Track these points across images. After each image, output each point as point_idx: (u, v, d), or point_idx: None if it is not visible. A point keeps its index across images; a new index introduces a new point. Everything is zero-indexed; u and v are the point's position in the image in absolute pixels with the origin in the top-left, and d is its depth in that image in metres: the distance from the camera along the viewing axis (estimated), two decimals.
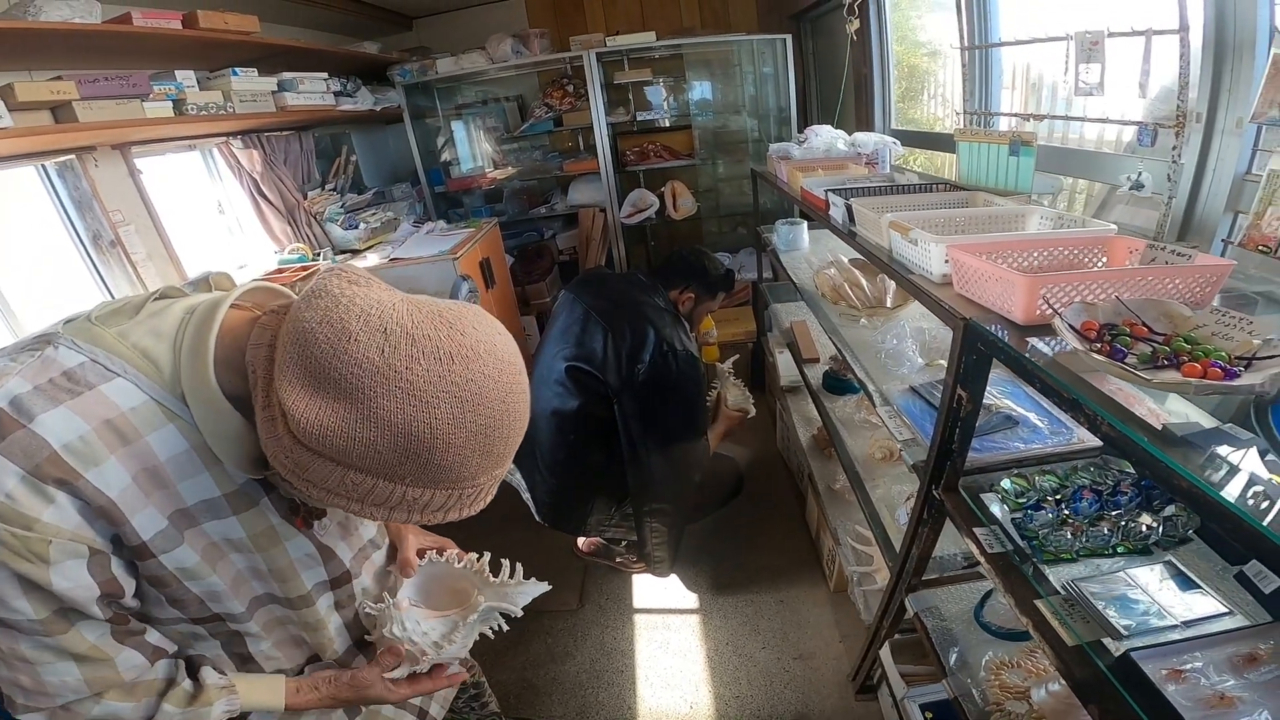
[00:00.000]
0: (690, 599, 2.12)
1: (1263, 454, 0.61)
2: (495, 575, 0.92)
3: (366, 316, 0.55)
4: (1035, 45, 1.67)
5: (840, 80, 2.89)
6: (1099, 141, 1.65)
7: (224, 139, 2.49)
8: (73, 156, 1.87)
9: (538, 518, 2.04)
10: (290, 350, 0.56)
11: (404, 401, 0.54)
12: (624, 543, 2.20)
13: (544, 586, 0.92)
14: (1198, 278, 0.81)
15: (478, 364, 0.57)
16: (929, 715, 1.34)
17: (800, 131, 2.41)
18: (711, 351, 2.41)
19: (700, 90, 3.81)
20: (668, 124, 3.69)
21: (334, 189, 3.03)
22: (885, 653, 1.50)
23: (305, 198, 2.79)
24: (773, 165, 2.25)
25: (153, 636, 0.70)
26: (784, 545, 2.29)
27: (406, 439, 0.55)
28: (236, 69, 2.23)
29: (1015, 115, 1.83)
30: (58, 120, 1.69)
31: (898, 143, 2.09)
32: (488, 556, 0.95)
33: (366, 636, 0.90)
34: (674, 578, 2.19)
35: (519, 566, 0.93)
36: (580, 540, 2.32)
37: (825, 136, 2.20)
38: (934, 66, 2.73)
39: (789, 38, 3.32)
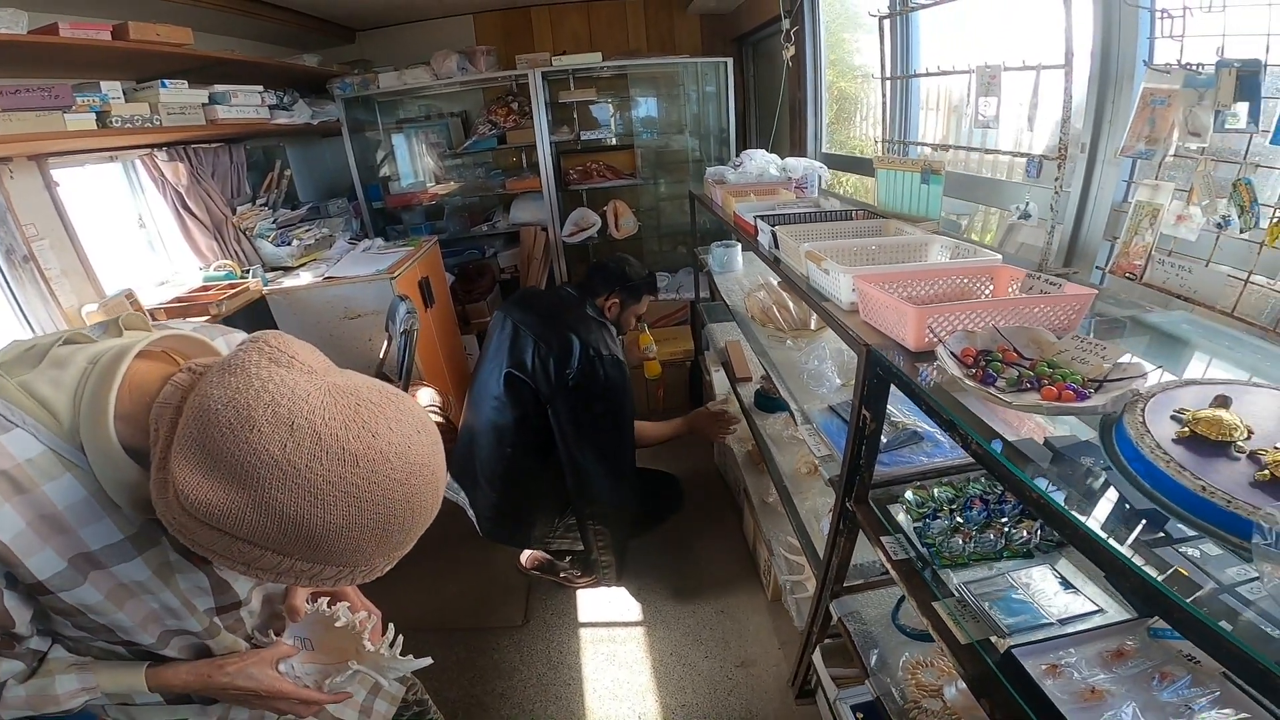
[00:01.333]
0: (634, 611, 2.16)
1: (1104, 468, 0.70)
2: (379, 639, 0.92)
3: (275, 406, 0.54)
4: (953, 80, 1.79)
5: (776, 103, 3.02)
6: (1009, 168, 1.75)
7: (148, 151, 2.40)
8: None
9: (480, 532, 2.05)
10: (192, 424, 0.55)
11: (299, 496, 0.53)
12: (568, 557, 2.23)
13: (423, 662, 0.93)
14: (1063, 306, 0.91)
15: (384, 468, 0.56)
16: (859, 716, 1.40)
17: (738, 154, 2.51)
18: (653, 366, 2.46)
19: (644, 110, 3.89)
20: (612, 143, 3.74)
21: (265, 204, 2.95)
22: (817, 657, 1.57)
23: (234, 212, 2.70)
24: (709, 189, 2.33)
25: (34, 643, 0.71)
26: (723, 557, 2.36)
27: (297, 528, 0.54)
28: (165, 80, 2.16)
29: (926, 145, 1.96)
30: None
31: (825, 168, 2.20)
32: (375, 620, 0.96)
33: None
34: (618, 591, 2.23)
35: (400, 640, 0.92)
36: (524, 556, 2.33)
37: (759, 161, 2.30)
38: (866, 90, 2.87)
39: (730, 61, 3.43)
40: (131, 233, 2.54)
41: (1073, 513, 0.61)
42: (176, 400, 0.62)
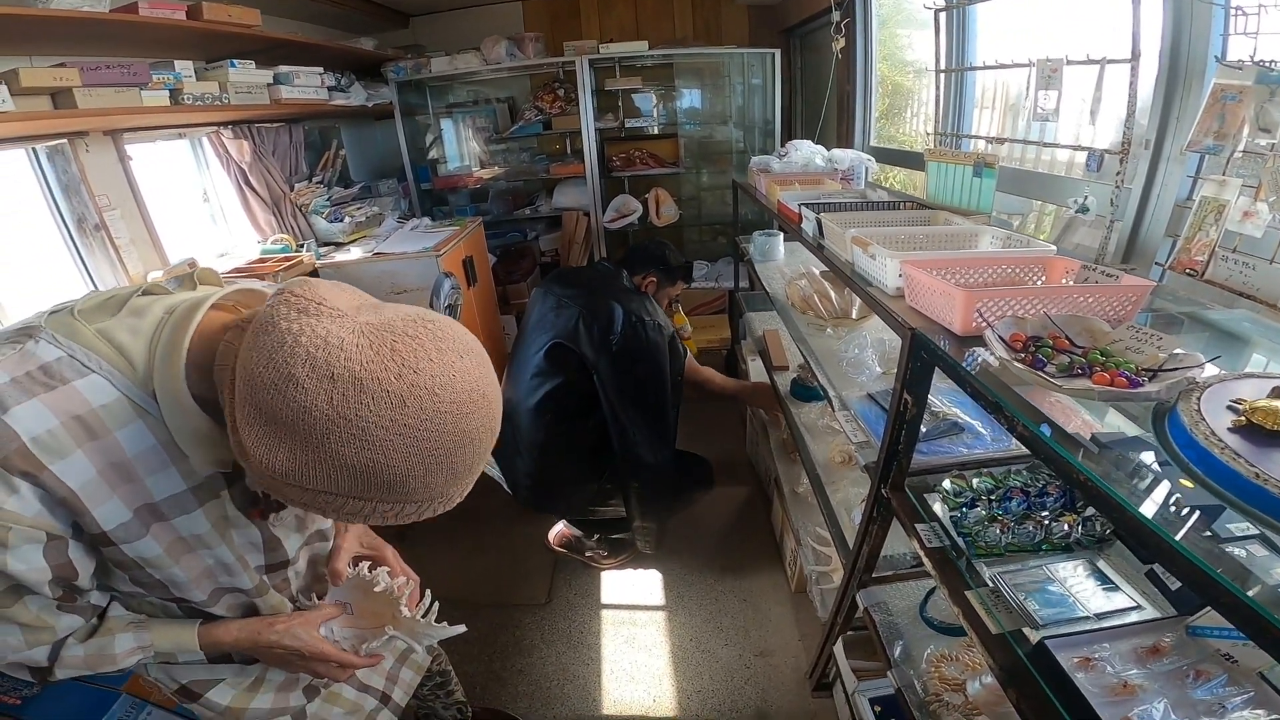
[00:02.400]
0: (657, 595, 2.17)
1: (1159, 460, 0.68)
2: (416, 606, 0.93)
3: (313, 361, 0.53)
4: (1008, 73, 1.75)
5: (824, 96, 2.98)
6: (1069, 165, 1.71)
7: (215, 129, 2.51)
8: (65, 141, 1.89)
9: (519, 501, 2.10)
10: (243, 388, 0.56)
11: (357, 447, 0.54)
12: (596, 535, 2.25)
13: (456, 629, 0.94)
14: (1119, 296, 0.89)
15: (431, 402, 0.55)
16: (878, 710, 1.39)
17: (782, 145, 2.49)
18: (689, 345, 2.48)
19: (689, 100, 3.88)
20: (655, 131, 3.75)
21: (321, 182, 3.05)
22: (839, 648, 1.56)
23: (292, 189, 2.81)
24: (753, 177, 2.32)
25: (94, 597, 0.73)
26: (749, 546, 2.35)
27: (367, 476, 0.55)
28: (234, 60, 2.27)
29: (980, 138, 1.91)
30: (56, 105, 1.72)
31: (873, 160, 2.17)
32: (414, 585, 0.97)
33: None
34: (642, 574, 2.24)
35: (435, 607, 0.93)
36: (551, 534, 2.37)
37: (805, 151, 2.28)
38: (918, 86, 2.82)
39: (778, 52, 3.41)
40: (196, 206, 2.67)
41: (1119, 493, 0.60)
42: (230, 360, 0.62)
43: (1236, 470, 0.61)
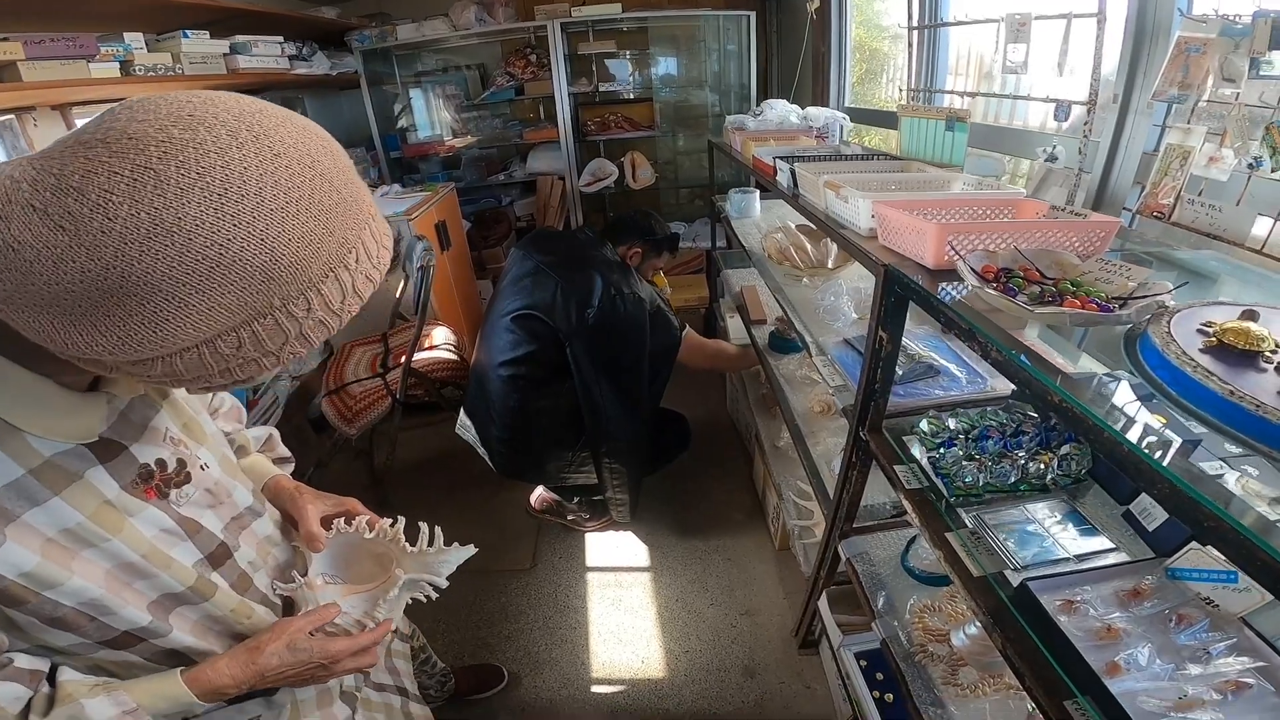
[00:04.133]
0: (641, 557, 2.19)
1: (1132, 385, 0.69)
2: (413, 544, 0.84)
3: (23, 208, 0.38)
4: (981, 30, 1.74)
5: (800, 58, 2.94)
6: (1042, 124, 1.72)
7: None
8: (12, 116, 1.82)
9: (494, 468, 2.08)
10: (9, 311, 0.42)
11: (144, 255, 0.38)
12: (577, 499, 2.26)
13: (468, 551, 0.85)
14: (1089, 231, 0.89)
15: (186, 160, 0.39)
16: (863, 664, 1.41)
17: (757, 105, 2.47)
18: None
19: (664, 64, 3.82)
20: (630, 95, 3.70)
21: None
22: (823, 603, 1.58)
23: None
24: (728, 136, 2.30)
25: (22, 661, 0.58)
26: (731, 505, 2.38)
27: (243, 272, 0.41)
28: (187, 31, 2.19)
29: (952, 93, 1.91)
30: (2, 80, 1.65)
31: (847, 118, 2.16)
32: (402, 522, 0.85)
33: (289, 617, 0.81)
34: (626, 536, 2.26)
35: (438, 532, 0.84)
36: (533, 498, 2.37)
37: (779, 110, 2.26)
38: (894, 50, 2.81)
39: (753, 14, 3.36)
40: None
41: (1094, 411, 0.60)
42: None
43: (1210, 388, 0.62)
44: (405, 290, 2.40)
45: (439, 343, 2.55)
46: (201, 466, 0.70)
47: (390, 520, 0.85)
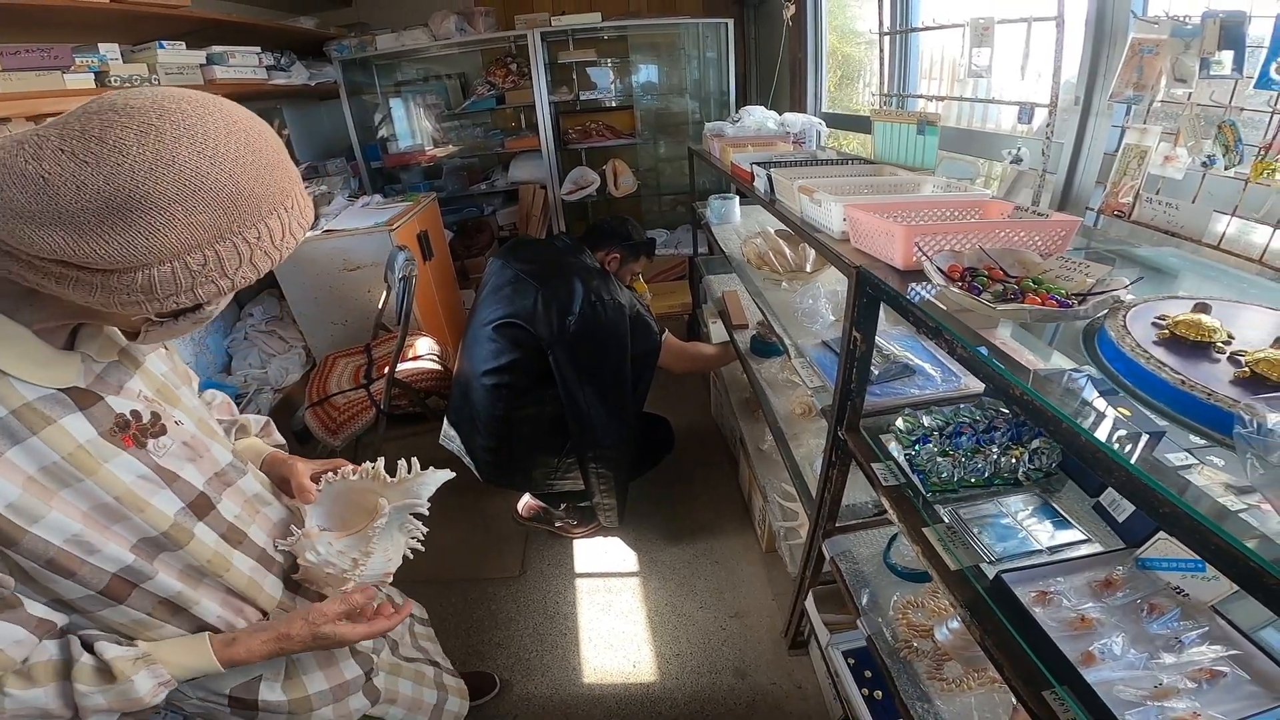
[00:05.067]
0: (630, 562, 2.20)
1: (1090, 378, 0.71)
2: (393, 475, 0.92)
3: (36, 146, 0.50)
4: (952, 38, 1.79)
5: (777, 64, 2.99)
6: (1011, 127, 1.76)
7: None
8: None
9: (480, 477, 2.08)
10: (7, 225, 0.50)
11: (148, 175, 0.50)
12: (564, 505, 2.26)
13: (445, 474, 0.93)
14: (1049, 230, 0.93)
15: (162, 115, 0.52)
16: (851, 662, 1.44)
17: (736, 112, 2.50)
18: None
19: (644, 72, 3.86)
20: (611, 104, 3.72)
21: None
22: (810, 602, 1.59)
23: None
24: (708, 142, 2.33)
25: (35, 609, 0.65)
26: (718, 509, 2.39)
27: (189, 196, 0.52)
28: (163, 42, 2.19)
29: (923, 97, 1.95)
30: None
31: (823, 124, 2.20)
32: (382, 461, 0.94)
33: (294, 575, 0.89)
34: (614, 542, 2.27)
35: (414, 461, 0.92)
36: (520, 505, 2.37)
37: (757, 116, 2.29)
38: (868, 56, 2.86)
39: (731, 22, 3.41)
40: None
41: (1054, 404, 0.63)
42: None
43: (1163, 379, 0.64)
44: (388, 301, 2.40)
45: (423, 353, 2.55)
46: (176, 422, 0.77)
47: (370, 463, 0.93)
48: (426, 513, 0.91)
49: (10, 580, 0.62)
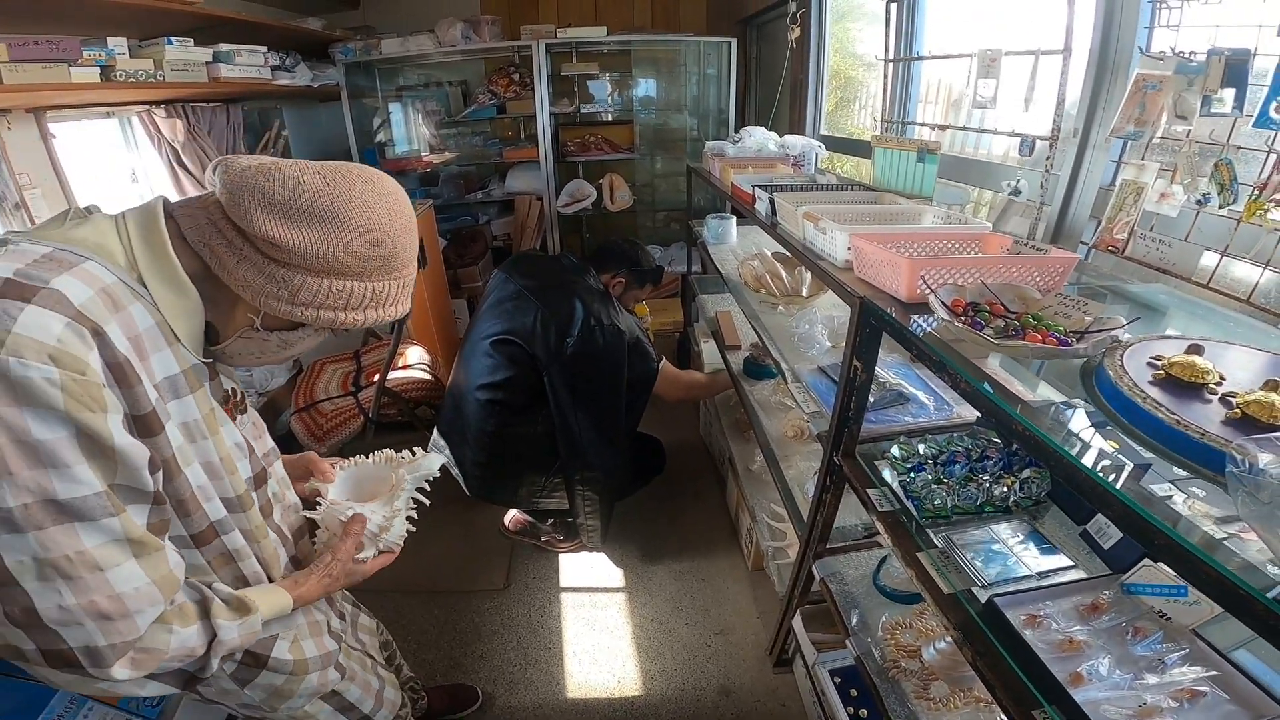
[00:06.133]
0: (616, 578, 2.19)
1: (1088, 414, 0.73)
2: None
3: (301, 168, 0.69)
4: (952, 63, 1.82)
5: (778, 85, 3.02)
6: (1004, 155, 1.80)
7: (146, 107, 2.41)
8: None
9: (467, 491, 2.06)
10: (251, 205, 0.66)
11: (357, 210, 0.70)
12: (551, 520, 2.25)
13: (441, 458, 1.07)
14: (1048, 266, 0.95)
15: (382, 184, 0.74)
16: (838, 681, 1.44)
17: (736, 132, 2.52)
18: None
19: (645, 87, 3.88)
20: (610, 118, 3.74)
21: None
22: (797, 621, 1.60)
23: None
24: (707, 161, 2.35)
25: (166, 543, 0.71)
26: (705, 526, 2.40)
27: (367, 233, 0.70)
28: (171, 38, 2.17)
29: (924, 125, 1.99)
30: None
31: (823, 147, 2.22)
32: (390, 450, 1.07)
33: (312, 538, 0.99)
34: (600, 557, 2.26)
35: (418, 449, 1.06)
36: (507, 518, 2.36)
37: (758, 137, 2.31)
38: (867, 79, 2.90)
39: (734, 41, 3.44)
40: (124, 186, 2.55)
41: (1053, 439, 0.64)
42: (203, 221, 0.70)
43: (1159, 418, 0.66)
44: None
45: (413, 362, 2.53)
46: (249, 405, 0.91)
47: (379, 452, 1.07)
48: (429, 488, 1.04)
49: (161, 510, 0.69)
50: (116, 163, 2.53)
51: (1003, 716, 0.86)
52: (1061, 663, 0.81)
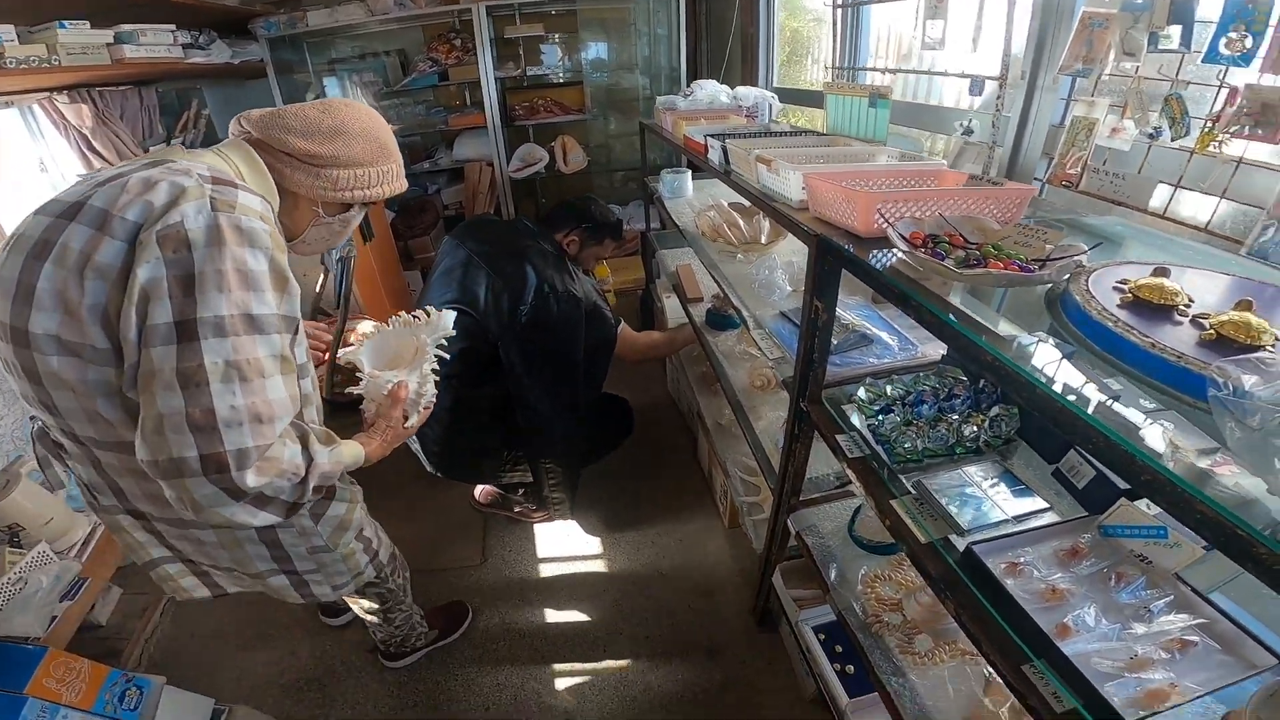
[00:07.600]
0: (593, 545, 2.17)
1: (1056, 336, 0.71)
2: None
3: (299, 107, 0.97)
4: (901, 11, 1.77)
5: (728, 40, 2.94)
6: (956, 99, 1.77)
7: (47, 94, 2.23)
8: None
9: (429, 468, 2.01)
10: (283, 135, 0.95)
11: (354, 123, 0.99)
12: (521, 490, 2.20)
13: (453, 313, 1.22)
14: (1006, 198, 0.92)
15: (357, 105, 1.03)
16: (822, 638, 1.43)
17: (688, 86, 2.45)
18: (609, 299, 2.43)
19: (594, 47, 3.75)
20: (560, 80, 3.62)
21: (182, 143, 2.76)
22: (777, 578, 1.60)
23: (147, 153, 2.52)
24: (659, 116, 2.28)
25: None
26: (679, 486, 2.39)
27: (366, 135, 1.00)
28: (64, 21, 1.99)
29: (874, 70, 1.95)
30: None
31: (776, 98, 2.17)
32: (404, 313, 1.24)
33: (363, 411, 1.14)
34: (576, 525, 2.23)
35: (430, 308, 1.21)
36: (477, 491, 2.31)
37: (709, 90, 2.25)
38: (817, 33, 2.85)
39: None
40: (33, 177, 2.40)
41: (1024, 368, 0.62)
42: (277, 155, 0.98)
43: (1132, 341, 0.64)
44: (326, 285, 2.26)
45: (366, 333, 2.43)
46: None
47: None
48: (454, 333, 1.20)
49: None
50: (22, 153, 2.37)
51: (990, 670, 0.85)
52: (1047, 613, 0.79)
